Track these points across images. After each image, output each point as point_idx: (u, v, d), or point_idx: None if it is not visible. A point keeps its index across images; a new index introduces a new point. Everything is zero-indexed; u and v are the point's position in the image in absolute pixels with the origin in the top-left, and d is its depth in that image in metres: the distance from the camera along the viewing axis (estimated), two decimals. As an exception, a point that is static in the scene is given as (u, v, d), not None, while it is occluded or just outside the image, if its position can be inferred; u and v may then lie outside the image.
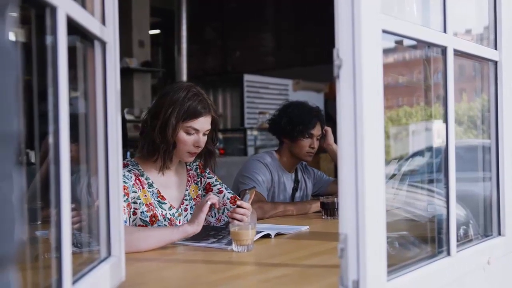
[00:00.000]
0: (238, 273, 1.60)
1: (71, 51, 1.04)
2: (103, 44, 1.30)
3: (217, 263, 1.69)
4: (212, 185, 2.33)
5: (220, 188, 2.32)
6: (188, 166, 2.33)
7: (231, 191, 2.35)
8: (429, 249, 1.55)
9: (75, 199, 1.11)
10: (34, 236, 1.72)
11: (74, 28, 1.08)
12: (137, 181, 2.12)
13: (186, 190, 2.28)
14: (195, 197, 2.30)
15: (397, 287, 1.22)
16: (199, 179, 2.33)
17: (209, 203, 1.93)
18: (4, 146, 0.50)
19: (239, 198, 2.34)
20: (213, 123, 2.19)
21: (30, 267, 1.09)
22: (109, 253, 1.32)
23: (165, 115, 2.09)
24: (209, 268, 1.66)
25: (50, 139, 0.96)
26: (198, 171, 2.34)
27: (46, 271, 1.20)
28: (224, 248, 1.85)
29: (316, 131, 2.93)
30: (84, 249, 1.40)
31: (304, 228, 2.29)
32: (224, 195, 2.30)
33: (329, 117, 4.84)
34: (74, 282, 1.04)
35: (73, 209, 1.03)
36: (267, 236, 2.06)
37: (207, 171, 2.35)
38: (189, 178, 2.31)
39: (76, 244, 1.26)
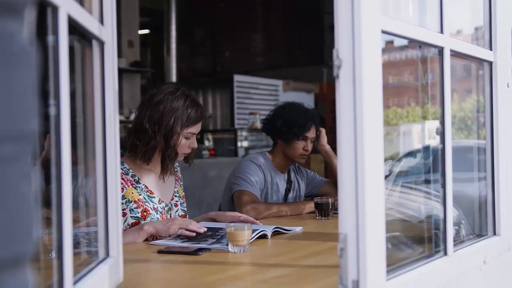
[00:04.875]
0: (235, 273, 1.60)
1: (69, 50, 1.03)
2: (102, 43, 1.29)
3: (214, 264, 1.69)
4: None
5: (182, 201, 2.42)
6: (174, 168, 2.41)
7: (185, 209, 2.42)
8: (426, 249, 1.56)
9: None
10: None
11: (72, 27, 1.07)
12: (121, 180, 2.13)
13: (175, 187, 2.37)
14: (182, 195, 2.41)
15: (396, 287, 1.23)
16: (181, 182, 2.45)
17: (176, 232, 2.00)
18: (23, 145, 0.50)
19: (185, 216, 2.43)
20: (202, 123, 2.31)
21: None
22: (107, 254, 1.31)
23: (168, 123, 2.15)
24: (206, 269, 1.65)
25: (52, 140, 0.95)
26: (180, 175, 2.46)
27: (43, 272, 1.19)
28: (226, 249, 1.83)
29: (311, 133, 2.92)
30: (81, 249, 1.39)
31: (298, 229, 2.29)
32: (177, 210, 2.36)
33: (320, 118, 4.83)
34: (75, 283, 1.03)
35: None
36: (263, 237, 2.05)
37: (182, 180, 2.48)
38: (176, 178, 2.40)
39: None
